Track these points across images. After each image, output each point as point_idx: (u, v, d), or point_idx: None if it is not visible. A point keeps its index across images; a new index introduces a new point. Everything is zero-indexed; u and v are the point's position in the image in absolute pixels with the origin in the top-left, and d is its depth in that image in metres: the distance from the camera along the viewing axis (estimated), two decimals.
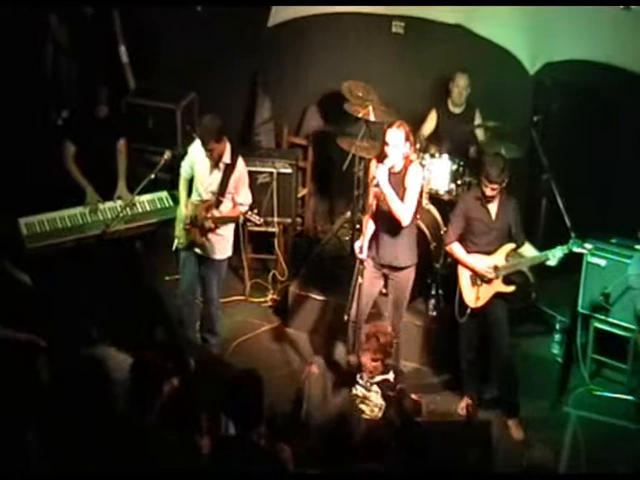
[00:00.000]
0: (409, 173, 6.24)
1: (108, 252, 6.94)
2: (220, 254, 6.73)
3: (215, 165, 6.51)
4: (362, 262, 6.17)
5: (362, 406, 5.98)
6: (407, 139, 6.16)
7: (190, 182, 6.70)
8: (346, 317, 6.33)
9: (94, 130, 7.19)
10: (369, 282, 6.35)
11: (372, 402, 5.99)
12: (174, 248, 6.78)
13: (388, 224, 6.29)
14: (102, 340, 6.11)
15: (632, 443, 6.31)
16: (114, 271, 7.02)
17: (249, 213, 6.55)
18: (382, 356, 5.95)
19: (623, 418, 6.57)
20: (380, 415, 5.94)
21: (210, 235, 6.62)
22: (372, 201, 6.21)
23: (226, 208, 6.59)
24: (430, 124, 7.94)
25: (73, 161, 7.21)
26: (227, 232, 6.71)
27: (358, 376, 6.07)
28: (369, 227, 6.32)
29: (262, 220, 6.66)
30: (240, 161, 6.57)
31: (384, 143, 6.18)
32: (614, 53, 7.39)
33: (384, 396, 5.98)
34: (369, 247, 6.31)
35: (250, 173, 6.90)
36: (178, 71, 8.33)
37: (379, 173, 6.09)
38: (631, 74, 7.33)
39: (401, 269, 6.43)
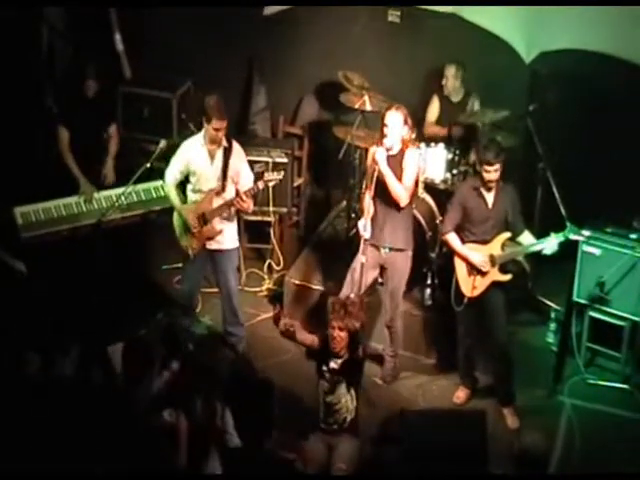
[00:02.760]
0: (406, 156, 6.38)
1: (104, 241, 6.93)
2: (233, 242, 6.73)
3: (215, 151, 6.49)
4: (366, 241, 6.30)
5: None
6: (405, 122, 6.32)
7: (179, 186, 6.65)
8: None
9: (85, 111, 7.16)
10: (368, 265, 6.41)
11: (344, 407, 5.73)
12: (191, 256, 6.67)
13: (388, 207, 6.41)
14: (96, 329, 6.11)
15: (626, 431, 6.33)
16: (110, 260, 7.01)
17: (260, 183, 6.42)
18: (349, 325, 5.52)
19: (618, 406, 6.59)
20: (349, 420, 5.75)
21: (222, 225, 6.59)
22: (372, 183, 6.28)
23: (230, 193, 6.56)
24: (434, 109, 7.97)
25: (68, 148, 7.19)
26: (234, 218, 6.69)
27: (324, 367, 5.72)
28: (370, 207, 6.37)
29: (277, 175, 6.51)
30: (234, 141, 6.58)
31: (383, 125, 6.31)
32: (610, 42, 7.37)
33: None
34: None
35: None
36: (174, 60, 8.31)
37: (378, 155, 6.23)
38: (627, 63, 7.32)
39: (399, 252, 6.50)
